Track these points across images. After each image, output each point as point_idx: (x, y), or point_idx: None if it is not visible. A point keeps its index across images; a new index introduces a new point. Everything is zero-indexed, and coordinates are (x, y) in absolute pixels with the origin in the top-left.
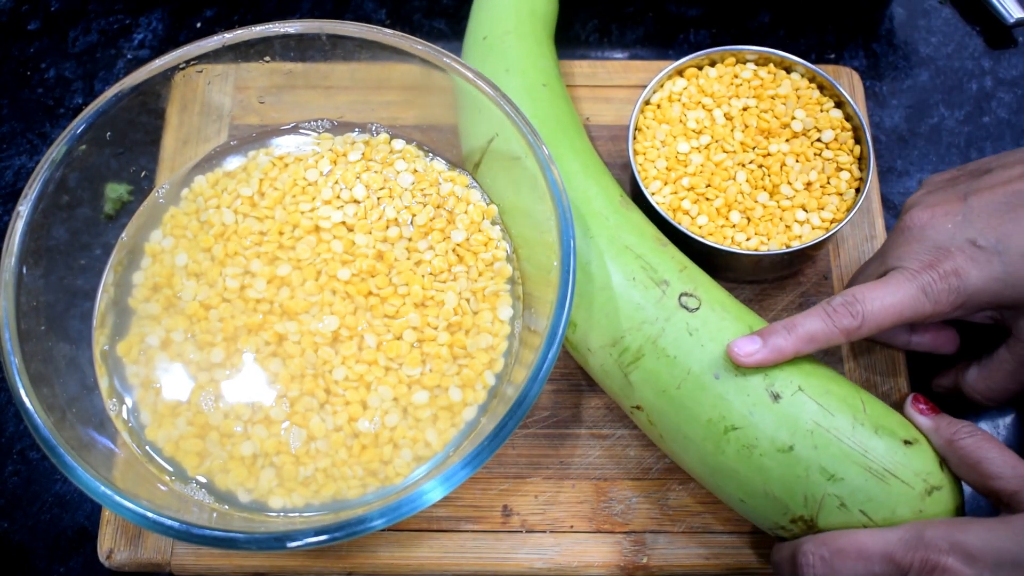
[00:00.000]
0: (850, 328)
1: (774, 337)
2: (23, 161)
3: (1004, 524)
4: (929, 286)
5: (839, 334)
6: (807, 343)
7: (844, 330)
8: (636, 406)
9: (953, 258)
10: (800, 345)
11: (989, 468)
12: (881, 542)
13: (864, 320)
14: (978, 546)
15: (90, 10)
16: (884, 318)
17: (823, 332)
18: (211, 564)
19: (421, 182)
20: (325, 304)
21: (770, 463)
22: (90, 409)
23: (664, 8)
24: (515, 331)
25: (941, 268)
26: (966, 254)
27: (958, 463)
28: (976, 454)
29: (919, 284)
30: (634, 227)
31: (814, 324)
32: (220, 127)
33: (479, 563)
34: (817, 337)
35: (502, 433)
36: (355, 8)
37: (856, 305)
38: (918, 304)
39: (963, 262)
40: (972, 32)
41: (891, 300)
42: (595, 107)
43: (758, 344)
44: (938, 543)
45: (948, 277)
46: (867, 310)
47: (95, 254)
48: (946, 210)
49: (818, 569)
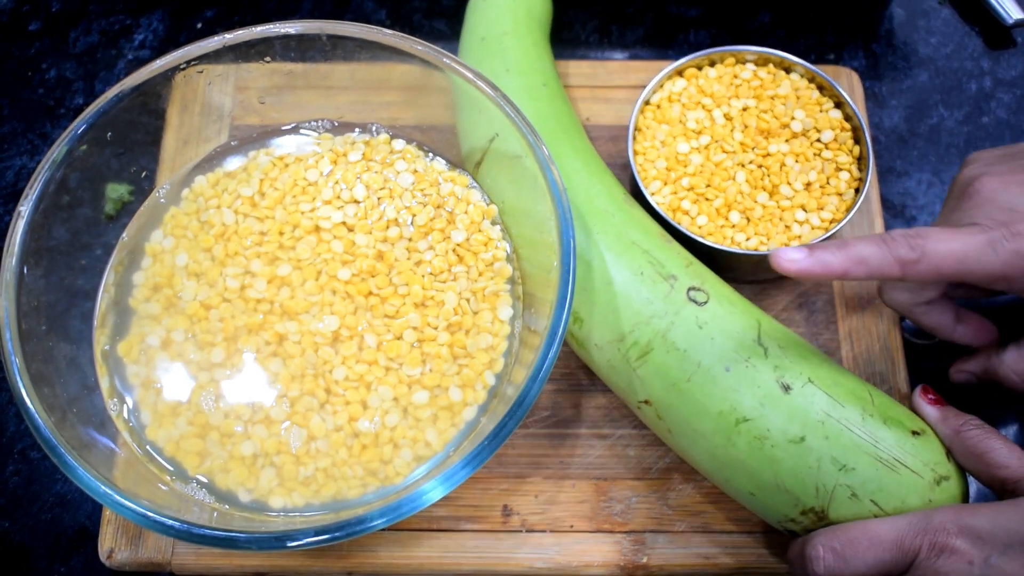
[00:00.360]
0: (906, 259)
1: (823, 251)
2: (24, 161)
3: (1011, 506)
4: (999, 242)
5: (894, 263)
6: (856, 263)
7: (900, 260)
8: (644, 401)
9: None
10: (849, 264)
11: (995, 458)
12: (891, 529)
13: (924, 255)
14: (986, 528)
15: (91, 10)
16: (944, 259)
17: (876, 257)
18: (211, 564)
19: (421, 182)
20: (325, 304)
21: (781, 454)
22: (91, 409)
23: (664, 8)
24: (515, 331)
25: (1015, 227)
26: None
27: (964, 453)
28: (982, 445)
29: (989, 238)
30: (639, 224)
31: (868, 247)
32: (220, 127)
33: (479, 563)
34: (869, 260)
35: (502, 433)
36: (355, 8)
37: (918, 239)
38: (983, 256)
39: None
40: (971, 33)
41: (957, 244)
42: (595, 107)
43: (804, 253)
44: (946, 526)
45: (1020, 237)
46: (929, 246)
47: (96, 254)
48: (1018, 179)
49: (828, 560)
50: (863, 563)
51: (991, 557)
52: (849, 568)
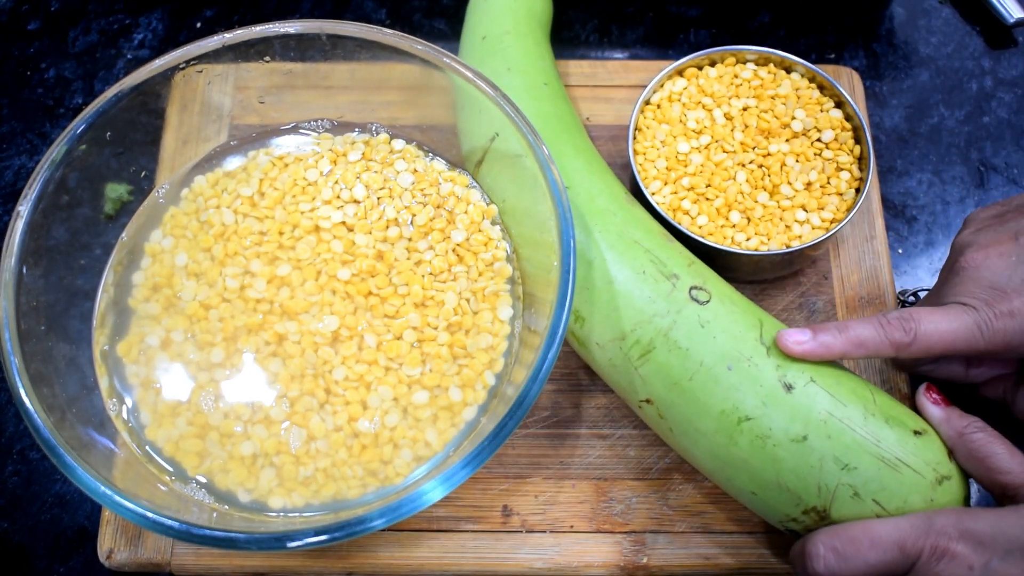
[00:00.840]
0: (900, 342)
1: (825, 333)
2: (23, 161)
3: (1013, 512)
4: (985, 324)
5: (888, 345)
6: (856, 346)
7: (894, 343)
8: (646, 400)
9: (1009, 300)
10: (848, 347)
11: (998, 463)
12: (893, 530)
13: (916, 338)
14: (987, 533)
15: (90, 10)
16: (936, 342)
17: (873, 339)
18: (211, 564)
19: (421, 182)
20: (325, 304)
21: (784, 453)
22: (90, 409)
23: (664, 8)
24: (515, 331)
25: (998, 308)
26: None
27: (966, 455)
28: (985, 449)
29: (976, 319)
30: (641, 223)
31: (866, 330)
32: (220, 127)
33: (479, 563)
34: (867, 343)
35: (502, 433)
36: (355, 8)
37: (911, 323)
38: (972, 338)
39: (1020, 304)
40: (972, 32)
41: (946, 327)
42: (595, 107)
43: (808, 336)
44: (948, 530)
45: (1004, 318)
46: (920, 329)
47: (95, 254)
48: (1000, 251)
49: (829, 559)
50: (864, 563)
51: (991, 562)
52: (849, 567)
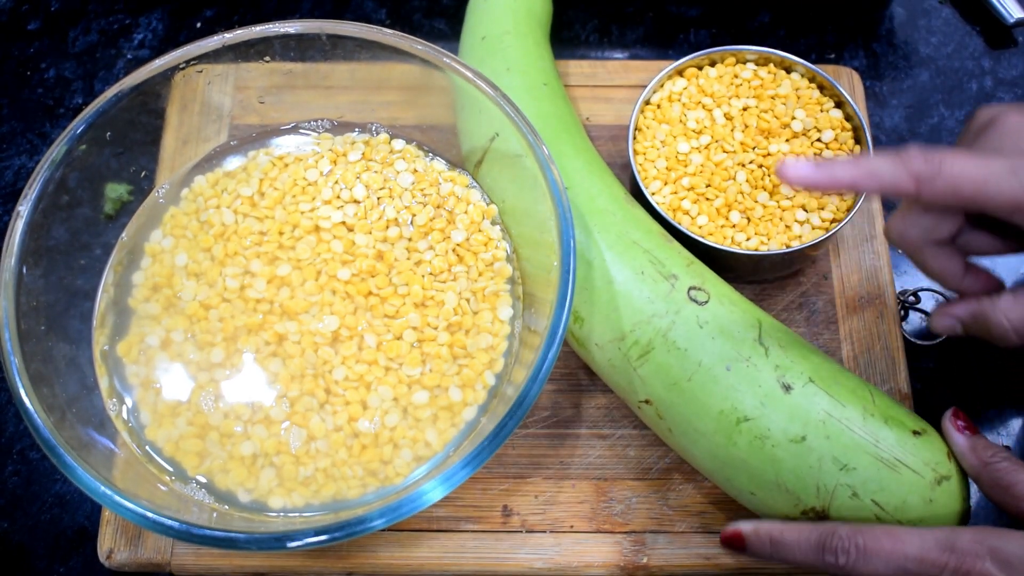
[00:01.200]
0: (922, 174)
1: (832, 163)
2: (23, 161)
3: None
4: (1022, 168)
5: (908, 178)
6: (868, 176)
7: (915, 174)
8: (645, 400)
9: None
10: (860, 176)
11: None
12: (918, 541)
13: (941, 171)
14: (1016, 554)
15: (90, 10)
16: (963, 180)
17: (890, 171)
18: (211, 564)
19: (421, 182)
20: (325, 304)
21: (782, 454)
22: (90, 409)
23: (664, 8)
24: (515, 331)
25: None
26: None
27: (991, 484)
28: (1009, 477)
29: (1012, 164)
30: (640, 223)
31: (882, 161)
32: (220, 127)
33: (479, 563)
34: (881, 174)
35: (502, 433)
36: (355, 8)
37: (936, 156)
38: (1003, 181)
39: None
40: (972, 32)
41: (975, 164)
42: (595, 107)
43: (810, 164)
44: (975, 548)
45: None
46: (947, 164)
47: (95, 254)
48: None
49: (851, 555)
50: (884, 566)
51: None
52: (870, 567)
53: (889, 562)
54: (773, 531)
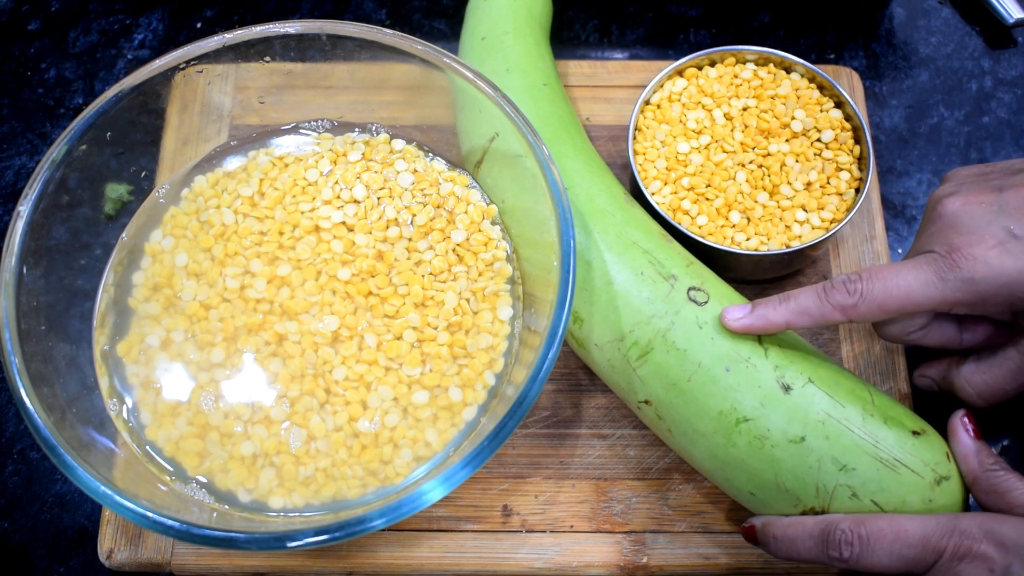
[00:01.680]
0: (844, 304)
1: (764, 306)
2: (23, 161)
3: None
4: (948, 270)
5: (832, 310)
6: (798, 315)
7: (838, 306)
8: (644, 401)
9: (984, 243)
10: (790, 317)
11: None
12: (919, 526)
13: (862, 298)
14: (1012, 536)
15: (90, 10)
16: (887, 298)
17: (816, 307)
18: (211, 564)
19: (421, 182)
20: (325, 304)
21: (782, 454)
22: (90, 409)
23: (664, 8)
24: (515, 331)
25: (968, 252)
26: (1000, 242)
27: (988, 489)
28: (1007, 484)
29: (937, 268)
30: (639, 224)
31: (808, 298)
32: (220, 127)
33: (479, 563)
34: (809, 311)
35: (502, 433)
36: (355, 8)
37: (857, 283)
38: (931, 289)
39: (994, 250)
40: (972, 32)
41: (898, 281)
42: (595, 107)
43: (746, 310)
44: (973, 531)
45: (971, 263)
46: (867, 288)
47: (95, 254)
48: (980, 199)
49: (855, 547)
50: (887, 555)
51: (1012, 566)
52: (874, 558)
53: (892, 551)
54: (776, 527)
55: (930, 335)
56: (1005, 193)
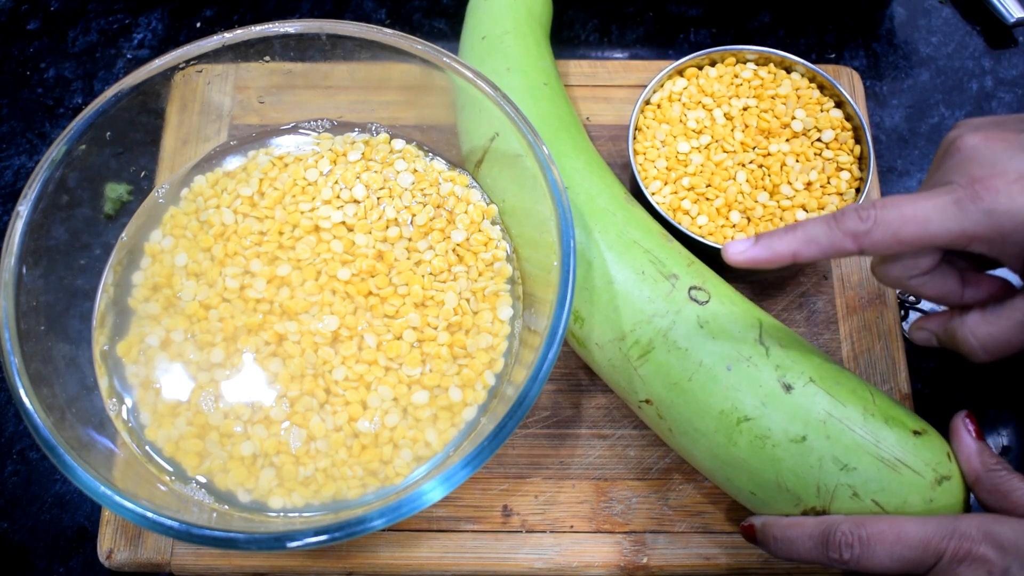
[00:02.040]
0: (856, 231)
1: (770, 236)
2: (23, 161)
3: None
4: (967, 201)
5: (843, 237)
6: (805, 244)
7: (850, 233)
8: (645, 400)
9: (1006, 176)
10: (797, 246)
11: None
12: (919, 529)
13: (876, 224)
14: (1011, 538)
15: (90, 10)
16: (902, 225)
17: (825, 234)
18: (211, 564)
19: (421, 182)
20: (325, 304)
21: (783, 453)
22: (90, 409)
23: (664, 8)
24: (515, 331)
25: (990, 183)
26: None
27: (990, 489)
28: (1009, 485)
29: (955, 197)
30: (640, 223)
31: (817, 225)
32: (220, 127)
33: (479, 563)
34: (818, 239)
35: (502, 433)
36: (355, 8)
37: (870, 210)
38: (947, 218)
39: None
40: (972, 32)
41: (915, 208)
42: (595, 107)
43: (750, 242)
44: (972, 533)
45: (993, 195)
46: (881, 215)
47: (95, 254)
48: (1002, 137)
49: (855, 549)
50: (887, 557)
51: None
52: (874, 559)
53: (892, 553)
54: (776, 528)
55: (931, 284)
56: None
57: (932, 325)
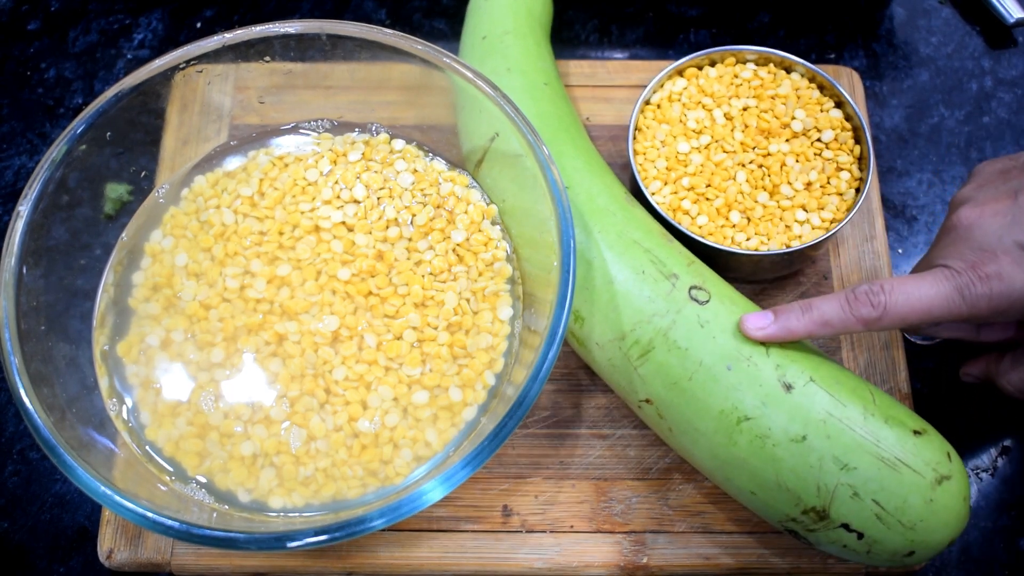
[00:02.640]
0: (868, 318)
1: (787, 315)
2: (23, 161)
3: None
4: (967, 287)
5: (855, 322)
6: (820, 326)
7: (862, 319)
8: (645, 399)
9: (998, 261)
10: (813, 327)
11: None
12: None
13: (886, 311)
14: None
15: (90, 10)
16: (909, 312)
17: (839, 318)
18: (211, 564)
19: (421, 182)
20: (325, 304)
21: (783, 453)
22: (90, 409)
23: (664, 8)
24: (515, 331)
25: (983, 270)
26: (1012, 257)
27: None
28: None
29: (956, 284)
30: (640, 223)
31: (831, 309)
32: (220, 127)
33: (479, 563)
34: (832, 322)
35: (502, 433)
36: (355, 8)
37: (880, 296)
38: (952, 305)
39: (1008, 266)
40: (972, 32)
41: (919, 296)
42: (595, 107)
43: (769, 320)
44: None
45: (990, 280)
46: (890, 302)
47: (95, 254)
48: (996, 208)
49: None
50: (914, 304)
51: None
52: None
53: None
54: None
55: (947, 329)
56: (1020, 198)
57: (974, 371)
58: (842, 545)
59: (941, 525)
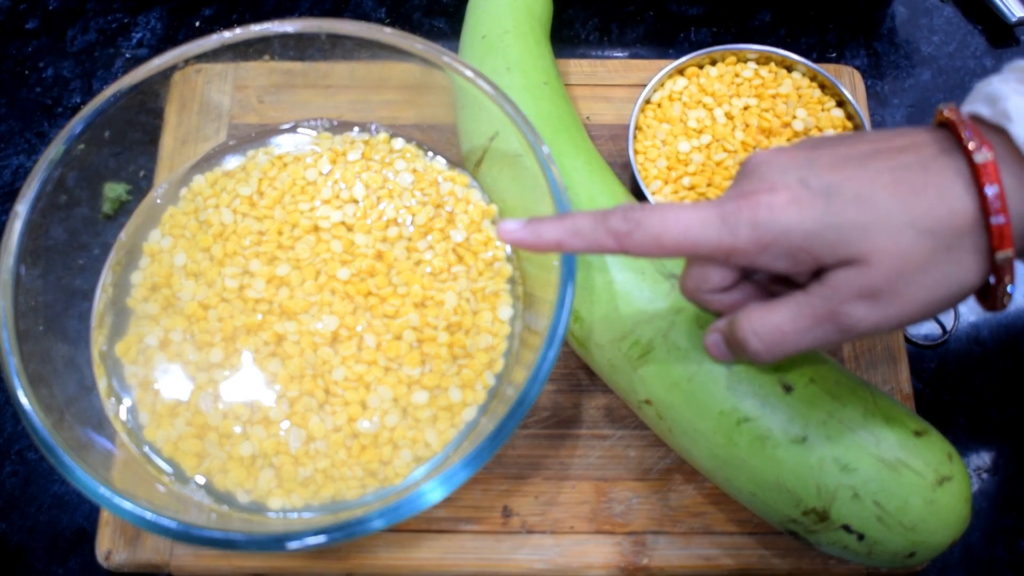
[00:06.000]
0: (619, 231)
1: (540, 222)
2: (21, 160)
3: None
4: (732, 213)
5: (605, 234)
6: (572, 235)
7: (612, 231)
8: (645, 400)
9: (774, 192)
10: (563, 235)
11: None
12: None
13: (637, 226)
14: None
15: (88, 9)
16: (663, 231)
17: (589, 228)
18: (210, 565)
19: (421, 182)
20: (324, 304)
21: (783, 454)
22: (88, 409)
23: (665, 7)
24: (515, 331)
25: (753, 199)
26: (791, 192)
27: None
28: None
29: (721, 211)
30: None
31: (584, 219)
32: (219, 126)
33: (479, 564)
34: (583, 231)
35: (502, 433)
36: (354, 7)
37: (636, 212)
38: (708, 227)
39: (782, 198)
40: (974, 31)
41: (678, 216)
42: (595, 106)
43: (521, 224)
44: None
45: (758, 208)
46: (644, 218)
47: (93, 254)
48: (791, 154)
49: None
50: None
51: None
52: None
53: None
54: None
55: (725, 300)
56: (819, 150)
57: (720, 325)
58: (843, 546)
59: (942, 526)
